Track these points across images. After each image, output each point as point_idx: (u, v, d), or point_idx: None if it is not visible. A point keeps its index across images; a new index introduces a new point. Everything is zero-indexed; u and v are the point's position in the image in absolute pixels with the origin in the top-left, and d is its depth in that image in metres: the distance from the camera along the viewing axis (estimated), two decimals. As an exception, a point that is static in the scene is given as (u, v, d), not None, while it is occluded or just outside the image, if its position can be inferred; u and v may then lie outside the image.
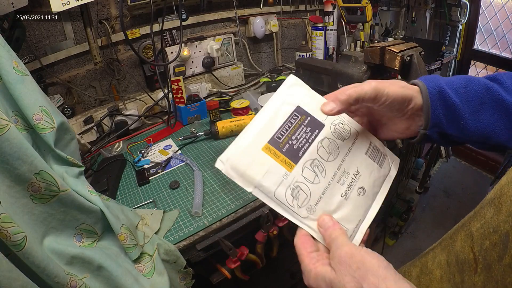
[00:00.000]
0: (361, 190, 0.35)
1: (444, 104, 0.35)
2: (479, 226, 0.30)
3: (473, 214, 0.32)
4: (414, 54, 0.75)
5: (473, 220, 0.32)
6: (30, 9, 0.77)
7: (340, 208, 0.34)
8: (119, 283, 0.47)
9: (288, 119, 0.35)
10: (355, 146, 0.37)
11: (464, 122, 0.35)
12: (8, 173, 0.40)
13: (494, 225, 0.28)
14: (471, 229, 0.31)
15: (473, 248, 0.31)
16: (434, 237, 1.70)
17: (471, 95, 0.35)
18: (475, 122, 0.35)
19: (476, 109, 0.35)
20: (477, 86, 0.35)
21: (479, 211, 0.31)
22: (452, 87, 0.35)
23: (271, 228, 0.68)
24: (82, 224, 0.48)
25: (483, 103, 0.35)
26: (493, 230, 0.29)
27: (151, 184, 0.75)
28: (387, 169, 0.39)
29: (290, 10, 1.43)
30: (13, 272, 0.34)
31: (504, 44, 1.90)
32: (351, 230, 0.34)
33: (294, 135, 0.34)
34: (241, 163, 0.32)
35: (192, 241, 0.59)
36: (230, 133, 0.91)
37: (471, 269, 0.31)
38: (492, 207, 0.29)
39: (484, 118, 0.35)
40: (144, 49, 1.07)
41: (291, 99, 0.37)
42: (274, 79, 1.22)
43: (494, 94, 0.34)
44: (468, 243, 0.31)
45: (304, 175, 0.33)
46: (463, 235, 0.33)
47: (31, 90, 0.47)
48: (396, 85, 0.34)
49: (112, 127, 0.99)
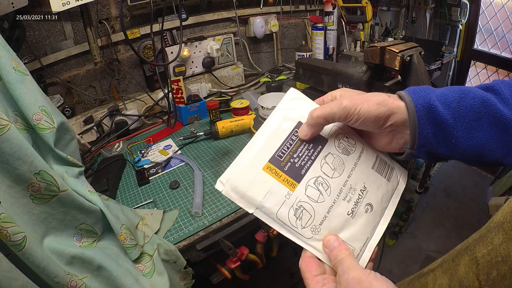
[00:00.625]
0: (368, 206, 0.34)
1: (433, 122, 0.32)
2: (485, 252, 0.28)
3: (479, 238, 0.30)
4: (414, 54, 0.75)
5: (479, 244, 0.29)
6: (30, 9, 0.77)
7: (347, 227, 0.33)
8: (119, 283, 0.47)
9: (289, 136, 0.34)
10: (361, 160, 0.35)
11: (456, 141, 0.32)
12: (8, 173, 0.40)
13: (503, 253, 0.26)
14: (476, 255, 0.29)
15: (478, 276, 0.28)
16: (434, 237, 1.70)
17: (465, 110, 0.32)
18: (468, 140, 0.32)
19: (470, 125, 0.32)
20: (472, 99, 0.32)
21: (486, 235, 0.29)
22: (445, 101, 0.32)
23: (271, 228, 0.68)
24: (82, 224, 0.48)
25: (478, 119, 0.32)
26: (501, 260, 0.26)
27: (151, 184, 0.75)
28: (396, 182, 0.37)
29: (290, 10, 1.43)
30: (13, 272, 0.34)
31: (504, 44, 1.90)
32: (358, 248, 0.33)
33: (296, 153, 0.33)
34: (241, 184, 0.32)
35: (192, 241, 0.59)
36: (230, 133, 0.91)
37: None
38: (501, 233, 0.27)
39: (479, 135, 0.32)
40: (144, 49, 1.07)
41: (292, 114, 0.35)
42: (274, 79, 1.22)
43: (491, 108, 0.31)
44: (473, 270, 0.29)
45: (308, 194, 0.32)
46: (467, 260, 0.30)
47: (31, 90, 0.47)
48: (371, 102, 0.32)
49: (112, 127, 0.99)
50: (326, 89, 1.02)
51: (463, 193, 2.04)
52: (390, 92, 0.36)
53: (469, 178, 2.17)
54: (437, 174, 2.24)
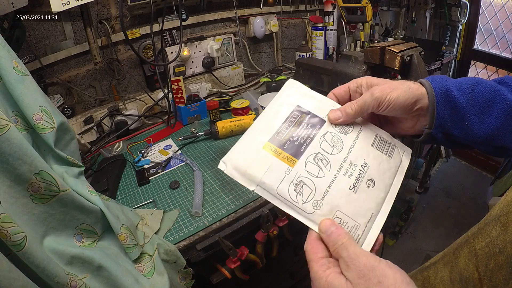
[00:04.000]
0: (370, 182, 0.34)
1: (449, 104, 0.35)
2: (484, 244, 0.29)
3: (477, 231, 0.31)
4: (414, 54, 0.75)
5: (477, 237, 0.30)
6: (30, 9, 0.77)
7: (350, 202, 0.32)
8: (119, 283, 0.47)
9: (288, 118, 0.36)
10: (359, 138, 0.36)
11: (469, 123, 0.35)
12: (8, 173, 0.40)
13: (500, 245, 0.27)
14: (475, 247, 0.30)
15: (478, 267, 0.29)
16: (434, 237, 1.70)
17: (477, 96, 0.35)
18: (480, 124, 0.35)
19: (482, 111, 0.35)
20: (484, 88, 0.35)
21: (484, 228, 0.30)
22: (459, 88, 0.36)
23: (271, 228, 0.68)
24: (82, 224, 0.48)
25: (490, 105, 0.35)
26: (499, 251, 0.27)
27: (151, 184, 0.75)
28: (398, 160, 0.37)
29: (290, 10, 1.43)
30: (13, 272, 0.34)
31: (504, 44, 1.90)
32: (364, 224, 0.32)
33: (295, 133, 0.34)
34: (242, 162, 0.33)
35: (192, 241, 0.59)
36: (230, 133, 0.91)
37: None
38: (498, 225, 0.28)
39: (490, 120, 0.35)
40: (144, 49, 1.07)
41: (290, 100, 0.38)
42: (274, 79, 1.22)
43: (501, 96, 0.34)
44: (473, 262, 0.30)
45: (307, 170, 0.32)
46: (467, 252, 0.31)
47: (31, 90, 0.47)
48: (400, 89, 0.35)
49: (112, 127, 0.99)
50: (326, 89, 1.02)
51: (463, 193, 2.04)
52: None
53: (469, 178, 2.17)
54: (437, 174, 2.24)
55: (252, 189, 0.32)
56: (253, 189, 0.32)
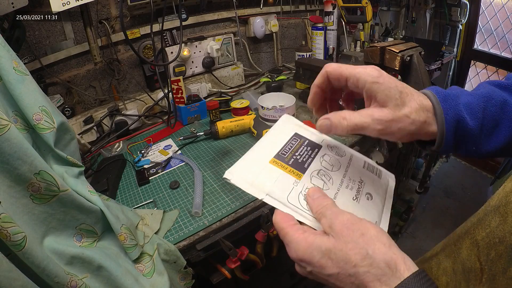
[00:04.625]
0: (368, 195, 0.37)
1: (460, 133, 0.33)
2: (484, 235, 0.30)
3: (477, 221, 0.32)
4: (414, 54, 0.75)
5: (478, 228, 0.31)
6: (30, 9, 0.77)
7: (356, 211, 0.34)
8: (119, 283, 0.47)
9: (289, 141, 0.39)
10: (352, 161, 0.40)
11: (477, 147, 0.34)
12: (8, 173, 0.40)
13: (499, 235, 0.28)
14: (476, 238, 0.31)
15: (479, 257, 0.30)
16: (434, 237, 1.70)
17: (488, 118, 0.33)
18: (487, 146, 0.34)
19: (490, 131, 0.33)
20: (494, 106, 0.33)
21: (483, 218, 0.31)
22: (472, 112, 0.33)
23: (271, 228, 0.68)
24: (82, 224, 0.48)
25: (498, 124, 0.33)
26: (498, 241, 0.28)
27: (151, 184, 0.75)
28: (386, 180, 0.41)
29: (290, 10, 1.43)
30: (13, 272, 0.34)
31: (504, 44, 1.90)
32: None
33: (297, 152, 0.37)
34: (250, 174, 0.34)
35: (192, 241, 0.59)
36: (230, 133, 0.91)
37: (476, 278, 0.30)
38: (497, 216, 0.29)
39: (497, 139, 0.33)
40: (144, 49, 1.07)
41: (288, 130, 0.41)
42: (274, 79, 1.22)
43: (509, 113, 0.32)
44: (474, 252, 0.31)
45: (313, 183, 0.35)
46: (468, 243, 0.32)
47: (31, 90, 0.47)
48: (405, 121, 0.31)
49: (112, 127, 0.99)
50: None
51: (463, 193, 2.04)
52: None
53: (469, 178, 2.17)
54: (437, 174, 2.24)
55: (261, 198, 0.33)
56: (262, 198, 0.33)
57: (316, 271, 0.28)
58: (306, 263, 0.28)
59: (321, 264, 0.27)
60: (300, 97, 1.15)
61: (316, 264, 0.28)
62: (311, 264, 0.28)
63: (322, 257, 0.27)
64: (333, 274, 0.27)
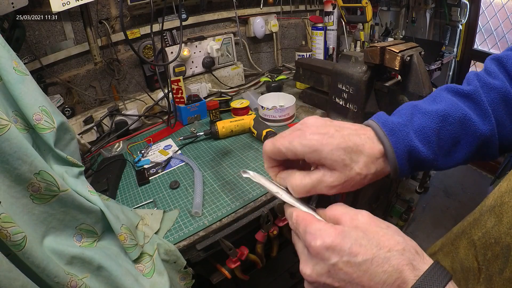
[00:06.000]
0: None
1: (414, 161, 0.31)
2: (480, 235, 0.30)
3: (473, 221, 0.32)
4: (414, 54, 0.75)
5: (474, 228, 0.31)
6: (30, 9, 0.77)
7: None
8: (119, 283, 0.47)
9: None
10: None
11: (435, 168, 0.33)
12: (8, 173, 0.40)
13: (495, 236, 0.28)
14: (473, 238, 0.31)
15: (477, 257, 0.30)
16: (434, 237, 1.70)
17: (444, 139, 0.31)
18: (446, 164, 0.32)
19: (449, 151, 0.32)
20: (451, 125, 0.31)
21: (479, 218, 0.31)
22: (425, 137, 0.31)
23: (271, 228, 0.68)
24: (82, 224, 0.48)
25: (457, 142, 0.32)
26: (494, 241, 0.28)
27: (151, 184, 0.75)
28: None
29: (290, 10, 1.43)
30: (13, 272, 0.34)
31: (504, 44, 1.90)
32: None
33: None
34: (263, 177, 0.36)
35: (192, 241, 0.59)
36: (230, 133, 0.91)
37: (475, 277, 0.30)
38: (492, 216, 0.29)
39: (457, 156, 0.32)
40: (144, 49, 1.07)
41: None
42: (274, 79, 1.22)
43: (470, 129, 0.31)
44: (472, 252, 0.31)
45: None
46: (466, 243, 0.32)
47: (31, 90, 0.47)
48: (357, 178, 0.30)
49: (112, 127, 0.99)
50: (326, 89, 1.02)
51: (463, 193, 2.04)
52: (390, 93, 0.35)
53: (469, 178, 2.17)
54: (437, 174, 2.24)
55: (276, 193, 0.34)
56: (277, 193, 0.34)
57: (344, 260, 0.25)
58: (336, 250, 0.25)
59: (353, 251, 0.25)
60: (300, 97, 1.15)
61: (348, 250, 0.25)
62: (342, 251, 0.25)
63: (354, 243, 0.25)
64: (367, 261, 0.24)
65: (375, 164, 0.30)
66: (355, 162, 0.30)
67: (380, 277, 0.24)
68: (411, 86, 0.77)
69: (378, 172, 0.31)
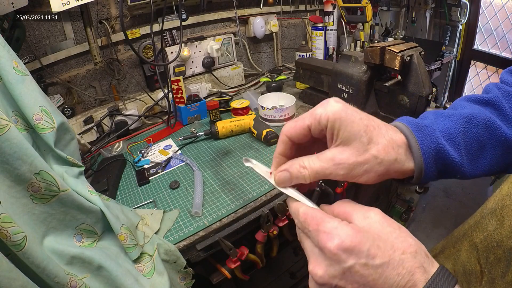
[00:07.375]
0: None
1: (441, 162, 0.29)
2: (482, 238, 0.30)
3: (474, 224, 0.31)
4: (414, 54, 0.75)
5: (475, 230, 0.31)
6: (30, 9, 0.77)
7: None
8: (119, 283, 0.47)
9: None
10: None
11: (462, 175, 0.31)
12: (8, 173, 0.40)
13: (497, 239, 0.28)
14: (474, 240, 0.31)
15: (479, 260, 0.30)
16: (434, 237, 1.70)
17: (470, 142, 0.30)
18: (473, 171, 0.31)
19: (475, 155, 0.31)
20: (476, 127, 0.30)
21: (480, 221, 0.30)
22: (451, 138, 0.30)
23: (271, 228, 0.68)
24: (82, 224, 0.48)
25: (483, 147, 0.31)
26: (496, 245, 0.28)
27: (151, 184, 0.75)
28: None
29: (290, 10, 1.43)
30: (13, 272, 0.34)
31: (504, 44, 1.90)
32: None
33: None
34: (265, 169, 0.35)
35: (192, 241, 0.59)
36: (230, 133, 0.91)
37: (477, 280, 0.30)
38: (494, 219, 0.28)
39: (483, 162, 0.31)
40: (144, 49, 1.07)
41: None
42: (274, 79, 1.22)
43: (495, 132, 0.30)
44: (474, 255, 0.30)
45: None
46: (467, 246, 0.32)
47: (31, 90, 0.47)
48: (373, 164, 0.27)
49: (112, 127, 0.99)
50: (326, 89, 1.02)
51: (463, 193, 2.04)
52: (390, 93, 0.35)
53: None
54: (437, 174, 2.24)
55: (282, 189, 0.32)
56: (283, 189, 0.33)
57: (361, 263, 0.24)
58: (354, 252, 0.24)
59: (371, 253, 0.24)
60: (300, 97, 1.15)
61: (366, 252, 0.24)
62: (360, 253, 0.24)
63: (372, 245, 0.24)
64: (384, 264, 0.24)
65: (396, 151, 0.28)
66: (373, 143, 0.27)
67: (394, 280, 0.23)
68: (411, 86, 0.77)
69: (396, 164, 0.28)
